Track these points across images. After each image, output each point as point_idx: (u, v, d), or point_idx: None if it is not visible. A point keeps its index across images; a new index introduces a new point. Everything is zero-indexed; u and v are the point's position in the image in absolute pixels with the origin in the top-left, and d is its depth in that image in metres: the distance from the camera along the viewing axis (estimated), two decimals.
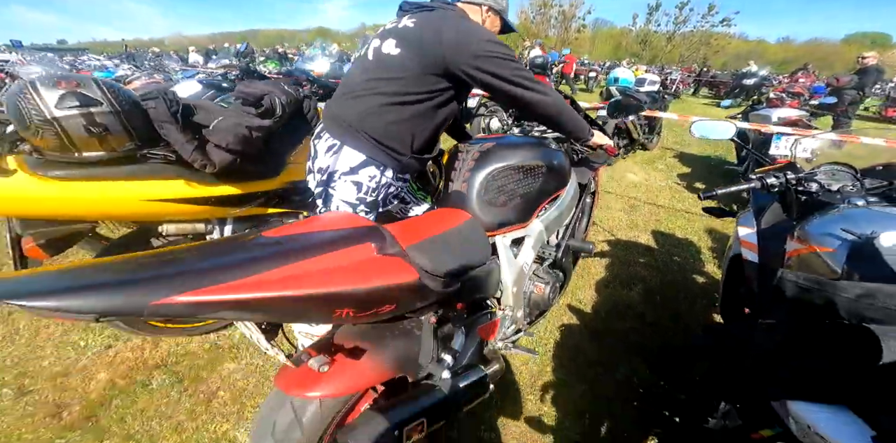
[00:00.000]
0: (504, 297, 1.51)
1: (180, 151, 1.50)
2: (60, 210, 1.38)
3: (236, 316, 0.73)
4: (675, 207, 3.40)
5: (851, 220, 1.19)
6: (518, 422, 1.76)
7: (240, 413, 1.74)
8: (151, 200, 1.47)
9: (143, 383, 1.85)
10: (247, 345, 2.10)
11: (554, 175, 1.65)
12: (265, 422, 1.06)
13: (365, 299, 0.87)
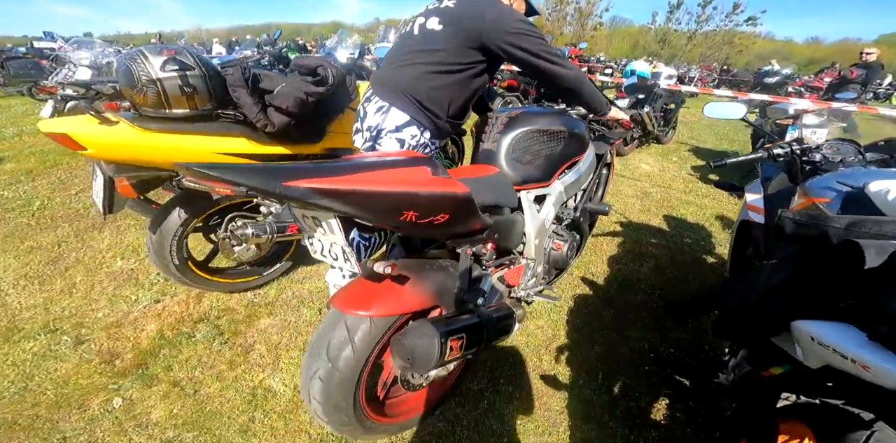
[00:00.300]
0: (527, 249, 1.58)
1: (247, 112, 1.66)
2: (150, 157, 1.55)
3: (336, 205, 0.84)
4: (688, 195, 3.31)
5: (846, 176, 1.29)
6: (535, 379, 1.76)
7: (275, 364, 1.78)
8: (220, 153, 1.63)
9: (188, 335, 1.91)
10: (282, 303, 2.14)
11: (574, 141, 1.71)
12: (320, 340, 1.13)
13: (427, 204, 0.97)
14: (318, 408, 1.16)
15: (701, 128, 5.93)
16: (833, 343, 0.84)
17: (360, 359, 1.13)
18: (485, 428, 1.56)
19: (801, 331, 0.94)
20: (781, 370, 1.18)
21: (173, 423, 1.51)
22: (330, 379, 1.11)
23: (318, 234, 1.09)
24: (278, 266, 2.28)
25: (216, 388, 1.66)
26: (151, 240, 1.85)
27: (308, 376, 1.14)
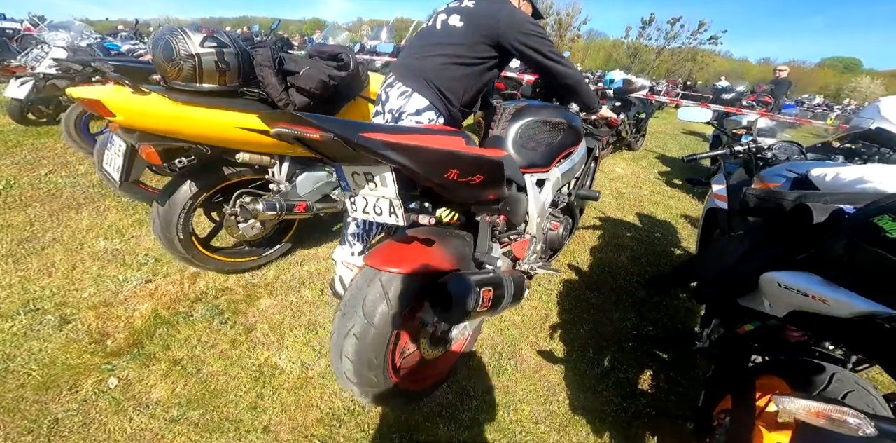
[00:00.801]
0: (529, 227, 1.65)
1: (270, 91, 1.67)
2: (177, 127, 1.54)
3: (399, 157, 0.92)
4: (656, 196, 3.53)
5: (793, 166, 1.51)
6: (532, 354, 1.78)
7: (279, 343, 1.68)
8: (241, 127, 1.59)
9: (185, 315, 1.76)
10: (281, 284, 2.02)
11: (571, 133, 1.80)
12: (355, 298, 1.11)
13: (468, 164, 1.05)
14: (349, 368, 1.12)
15: (666, 138, 6.30)
16: (796, 285, 0.96)
17: (395, 315, 1.12)
18: (491, 398, 1.55)
19: (769, 281, 1.06)
20: (752, 327, 1.28)
21: (177, 401, 1.38)
22: (365, 336, 1.09)
23: (366, 190, 1.10)
24: (278, 247, 2.16)
25: (220, 366, 1.54)
26: (158, 213, 1.73)
27: (342, 335, 1.11)
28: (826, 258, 0.96)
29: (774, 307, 1.10)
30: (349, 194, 1.18)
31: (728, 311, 1.41)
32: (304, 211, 1.91)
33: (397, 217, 1.06)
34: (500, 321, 1.93)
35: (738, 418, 1.16)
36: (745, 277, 1.18)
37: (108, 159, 1.75)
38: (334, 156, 1.11)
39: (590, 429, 1.49)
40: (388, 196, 1.05)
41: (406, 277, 1.13)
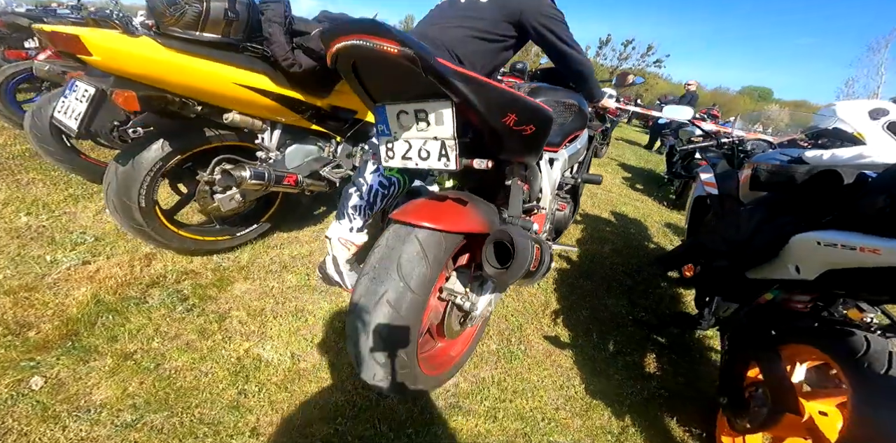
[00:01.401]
0: (543, 202, 1.55)
1: (277, 49, 1.48)
2: (165, 74, 1.32)
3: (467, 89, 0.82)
4: (625, 198, 3.76)
5: (784, 151, 1.61)
6: (539, 340, 1.64)
7: (261, 332, 1.38)
8: (238, 83, 1.44)
9: (138, 301, 1.39)
10: (259, 267, 1.70)
11: (580, 116, 1.75)
12: (387, 257, 0.94)
13: (525, 111, 0.94)
14: (380, 345, 0.92)
15: (624, 148, 6.73)
16: (842, 241, 0.94)
17: (433, 278, 0.96)
18: (507, 386, 1.39)
19: (804, 242, 1.05)
20: (772, 296, 1.25)
21: (130, 403, 1.04)
22: (401, 302, 0.90)
23: (412, 132, 0.95)
24: (255, 227, 1.84)
25: (186, 360, 1.21)
26: (116, 174, 1.39)
27: (371, 303, 0.91)
28: (862, 214, 0.95)
29: (805, 270, 1.08)
30: (386, 140, 1.02)
31: (734, 285, 1.39)
32: (293, 184, 1.67)
33: (448, 160, 0.92)
34: (502, 308, 1.78)
35: (776, 389, 1.10)
36: (767, 244, 1.16)
37: (65, 107, 1.42)
38: (384, 89, 0.97)
39: (610, 412, 1.37)
40: (441, 136, 0.91)
41: (446, 236, 0.97)
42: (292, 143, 1.76)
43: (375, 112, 1.02)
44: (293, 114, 1.67)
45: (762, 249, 1.18)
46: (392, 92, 0.96)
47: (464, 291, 1.19)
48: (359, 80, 0.98)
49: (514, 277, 0.93)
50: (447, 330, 1.24)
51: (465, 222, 1.01)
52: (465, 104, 0.85)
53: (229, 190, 1.59)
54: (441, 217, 0.97)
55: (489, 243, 0.97)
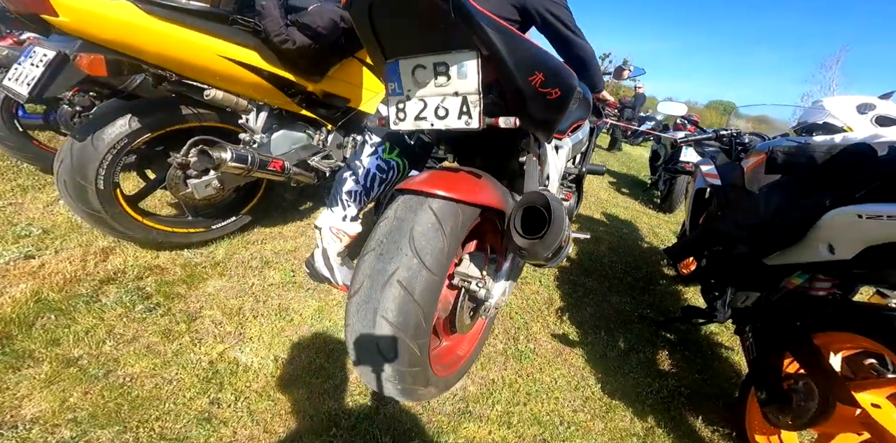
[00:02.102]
0: (551, 187, 1.44)
1: (269, 24, 1.37)
2: (142, 42, 1.19)
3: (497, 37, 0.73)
4: (613, 200, 3.77)
5: (790, 139, 1.54)
6: (547, 338, 1.51)
7: (239, 333, 1.18)
8: (225, 57, 1.32)
9: (88, 299, 1.17)
10: (237, 263, 1.50)
11: (584, 105, 1.68)
12: (398, 230, 0.80)
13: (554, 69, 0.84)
14: (389, 334, 0.76)
15: (608, 156, 6.89)
16: (888, 211, 0.87)
17: (451, 253, 0.82)
18: (519, 387, 1.24)
19: (843, 217, 0.97)
20: (800, 281, 1.19)
21: (69, 417, 0.84)
22: (414, 282, 0.76)
23: (430, 88, 0.83)
24: (233, 219, 1.65)
25: (145, 366, 1.01)
26: (72, 151, 1.20)
27: (378, 285, 0.76)
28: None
29: (841, 249, 1.00)
30: (397, 100, 0.90)
31: (752, 274, 1.32)
32: (279, 170, 1.50)
33: (470, 118, 0.80)
34: (506, 306, 1.65)
35: (823, 381, 1.00)
36: (794, 224, 1.09)
37: (18, 74, 1.24)
38: (401, 39, 0.85)
39: (632, 413, 1.24)
40: (463, 91, 0.80)
41: (462, 207, 0.84)
42: (279, 128, 1.61)
43: (387, 70, 0.90)
44: (283, 96, 1.54)
45: (788, 230, 1.10)
46: (409, 43, 0.85)
47: (480, 274, 1.05)
48: (372, 30, 0.87)
49: (547, 250, 0.81)
50: (458, 324, 1.09)
51: (484, 194, 0.89)
52: (491, 57, 0.76)
53: (206, 175, 1.41)
54: (457, 186, 0.86)
55: (519, 209, 0.85)
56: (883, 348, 0.95)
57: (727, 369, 1.55)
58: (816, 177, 1.16)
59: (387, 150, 1.39)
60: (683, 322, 1.66)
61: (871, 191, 0.97)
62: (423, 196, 0.83)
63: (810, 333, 1.10)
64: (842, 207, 0.98)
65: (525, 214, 0.84)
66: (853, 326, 1.02)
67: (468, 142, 1.10)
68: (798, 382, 1.09)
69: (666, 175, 3.59)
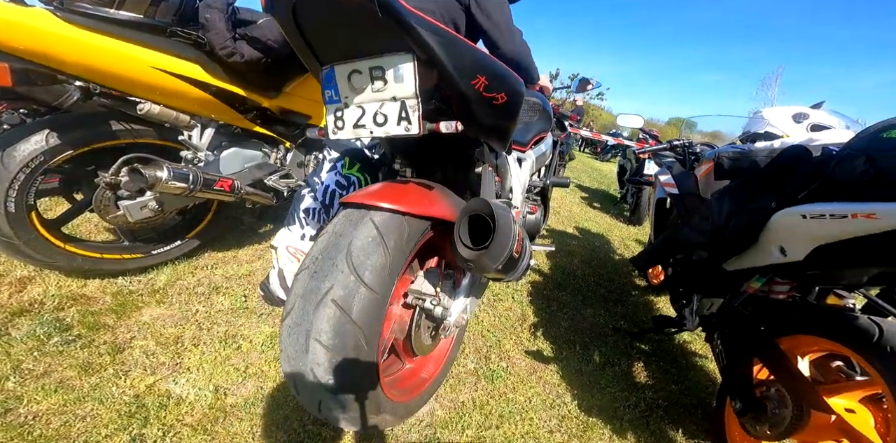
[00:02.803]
0: (514, 201, 1.43)
1: (214, 37, 1.34)
2: (62, 52, 1.11)
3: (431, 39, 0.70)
4: (585, 215, 3.88)
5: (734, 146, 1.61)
6: (521, 356, 1.45)
7: (175, 364, 1.07)
8: (160, 69, 1.26)
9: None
10: (180, 290, 1.39)
11: (545, 116, 1.74)
12: (334, 246, 0.76)
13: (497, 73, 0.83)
14: (323, 358, 0.70)
15: (578, 172, 7.17)
16: (829, 209, 0.89)
17: (396, 270, 0.78)
18: (491, 409, 1.17)
19: (789, 218, 1.00)
20: (759, 284, 1.20)
21: None
22: (350, 300, 0.70)
23: (367, 94, 0.81)
24: (178, 244, 1.55)
25: (55, 402, 0.89)
26: None
27: (310, 305, 0.71)
28: (841, 182, 0.92)
29: (792, 250, 1.01)
30: (335, 108, 0.87)
31: (713, 280, 1.35)
32: (227, 191, 1.43)
33: (410, 123, 0.78)
34: (477, 324, 1.59)
35: (792, 386, 1.00)
36: (745, 228, 1.11)
37: None
38: (332, 44, 0.82)
39: (610, 431, 1.19)
40: (401, 96, 0.77)
41: (408, 220, 0.82)
42: (230, 145, 1.56)
43: (323, 77, 0.88)
44: (232, 111, 1.50)
45: (741, 233, 1.13)
46: (342, 47, 0.82)
47: (433, 291, 1.00)
48: (301, 36, 0.84)
49: (495, 261, 0.75)
50: (416, 345, 1.02)
51: (432, 206, 0.87)
52: (429, 60, 0.74)
53: (140, 195, 1.32)
54: (403, 198, 0.83)
55: (463, 217, 0.80)
56: (846, 349, 0.96)
57: (703, 378, 1.53)
58: (761, 180, 1.21)
59: (346, 165, 1.35)
60: (656, 332, 1.65)
61: (812, 191, 1.00)
62: (366, 209, 0.80)
63: (775, 337, 1.11)
64: (787, 208, 1.00)
65: (472, 223, 0.80)
66: (815, 328, 1.04)
67: (423, 153, 1.08)
68: (770, 388, 1.08)
69: (633, 188, 3.76)
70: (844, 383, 1.03)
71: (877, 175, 0.85)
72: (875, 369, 0.88)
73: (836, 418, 0.93)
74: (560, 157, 5.57)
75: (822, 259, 0.96)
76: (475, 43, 1.32)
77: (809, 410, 0.95)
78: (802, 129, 1.69)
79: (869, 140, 0.91)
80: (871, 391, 0.97)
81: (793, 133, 1.72)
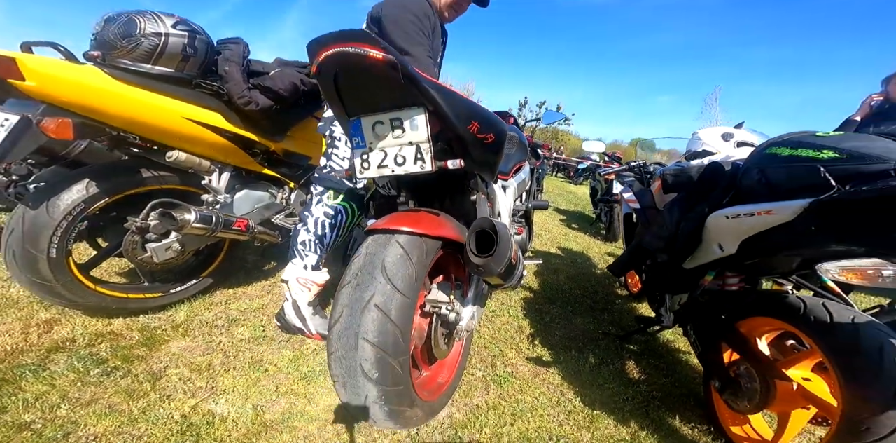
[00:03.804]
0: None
1: (232, 87, 1.50)
2: (107, 105, 1.26)
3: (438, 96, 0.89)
4: (565, 236, 4.16)
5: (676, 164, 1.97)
6: (523, 362, 1.60)
7: (211, 387, 1.17)
8: (190, 119, 1.42)
9: (35, 368, 1.12)
10: (200, 324, 1.49)
11: (521, 147, 1.98)
12: (370, 263, 0.92)
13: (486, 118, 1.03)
14: (370, 355, 0.85)
15: (554, 195, 7.61)
16: (742, 211, 1.12)
17: (420, 279, 0.95)
18: (504, 409, 1.31)
19: (717, 220, 1.22)
20: (711, 277, 1.40)
21: None
22: (389, 304, 0.87)
23: (388, 140, 1.00)
24: (193, 283, 1.65)
25: (110, 424, 0.98)
26: (24, 218, 1.21)
27: (357, 311, 0.87)
28: (747, 189, 1.17)
29: (726, 245, 1.22)
30: (361, 152, 1.06)
31: (676, 278, 1.55)
32: (243, 229, 1.59)
33: (424, 162, 0.97)
34: (479, 337, 1.74)
35: (755, 361, 1.18)
36: (691, 231, 1.33)
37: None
38: (361, 100, 1.02)
39: (614, 421, 1.33)
40: (416, 141, 0.96)
41: (426, 240, 1.00)
42: (242, 187, 1.73)
43: (350, 126, 1.07)
44: (245, 156, 1.68)
45: (688, 237, 1.35)
46: (368, 103, 1.02)
47: (448, 298, 1.17)
48: (337, 94, 1.04)
49: (500, 264, 0.94)
50: (434, 350, 1.18)
51: (443, 228, 1.04)
52: (435, 111, 0.93)
53: (166, 238, 1.46)
54: (419, 223, 1.01)
55: (472, 233, 0.98)
56: (786, 325, 1.14)
57: (689, 370, 1.71)
58: (695, 192, 1.47)
59: (331, 196, 1.53)
60: (641, 333, 1.84)
61: (731, 198, 1.24)
62: (390, 233, 0.97)
63: (734, 322, 1.29)
64: (715, 212, 1.23)
65: (478, 238, 0.97)
66: (761, 310, 1.23)
67: (426, 187, 1.25)
68: (739, 367, 1.25)
69: (605, 208, 4.10)
70: (796, 356, 1.20)
71: (767, 182, 1.09)
72: (809, 338, 1.06)
73: (798, 387, 1.10)
74: (537, 182, 5.99)
75: (749, 250, 1.17)
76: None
77: (774, 381, 1.12)
78: (730, 146, 2.04)
79: (759, 156, 1.17)
80: (816, 359, 1.13)
81: (723, 149, 2.06)
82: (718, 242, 1.26)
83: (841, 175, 0.89)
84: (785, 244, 1.09)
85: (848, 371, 0.95)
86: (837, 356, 0.98)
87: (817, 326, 1.04)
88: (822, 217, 0.92)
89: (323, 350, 1.42)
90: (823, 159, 0.94)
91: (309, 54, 0.94)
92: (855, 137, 0.97)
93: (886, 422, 0.86)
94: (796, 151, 1.03)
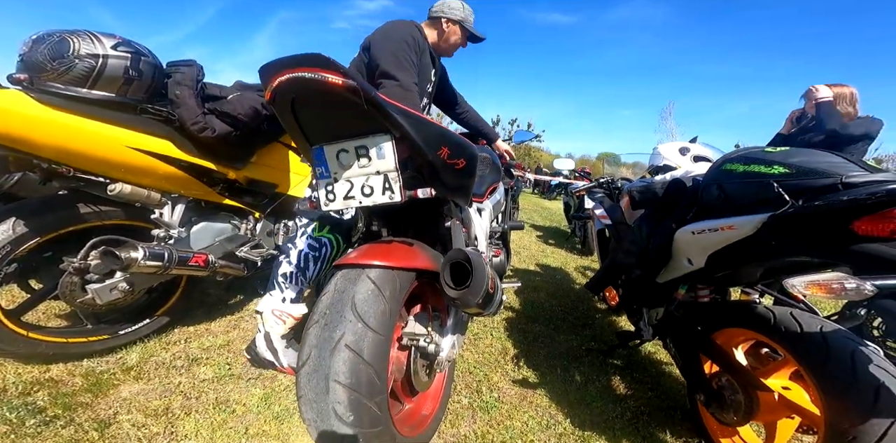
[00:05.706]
0: (480, 247, 1.60)
1: (184, 113, 1.40)
2: (37, 134, 1.16)
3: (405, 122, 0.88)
4: (543, 253, 4.25)
5: (642, 180, 2.00)
6: (509, 385, 1.59)
7: (170, 433, 1.09)
8: (134, 147, 1.32)
9: None
10: (156, 365, 1.39)
11: (495, 169, 2.03)
12: (339, 301, 0.89)
13: (456, 144, 1.01)
14: (343, 397, 0.81)
15: (529, 212, 7.85)
16: (707, 226, 1.19)
17: (394, 315, 0.93)
18: (492, 437, 1.30)
19: (684, 235, 1.29)
20: (683, 290, 1.47)
21: None
22: (361, 344, 0.84)
23: (354, 169, 0.97)
24: (146, 323, 1.55)
25: None
26: None
27: (326, 352, 0.84)
28: (708, 204, 1.23)
29: (695, 259, 1.28)
30: (325, 183, 1.03)
31: (651, 293, 1.60)
32: (202, 265, 1.48)
33: (393, 192, 0.95)
34: (463, 363, 1.72)
35: (735, 372, 1.21)
36: (660, 246, 1.40)
37: None
38: (323, 127, 0.99)
39: (605, 440, 1.34)
40: (384, 170, 0.94)
41: (398, 273, 0.98)
42: (200, 220, 1.63)
43: (313, 155, 1.02)
44: (201, 185, 1.58)
45: (657, 252, 1.42)
46: (331, 130, 0.98)
47: (426, 331, 1.15)
48: (296, 121, 0.99)
49: (476, 296, 0.91)
50: (415, 382, 1.16)
51: (416, 259, 1.03)
52: (403, 138, 0.91)
53: (110, 277, 1.34)
54: (391, 255, 0.99)
55: (446, 265, 0.94)
56: (758, 335, 1.17)
57: (673, 382, 1.76)
58: (661, 208, 1.55)
59: (317, 228, 1.50)
60: (623, 347, 1.89)
61: (695, 213, 1.31)
62: (360, 268, 0.95)
63: (709, 334, 1.32)
64: (681, 227, 1.30)
65: (453, 269, 0.94)
66: (733, 321, 1.27)
67: (398, 215, 1.23)
68: (721, 379, 1.27)
69: (579, 223, 4.25)
70: (772, 365, 1.23)
71: (726, 197, 1.16)
72: (782, 348, 1.10)
73: (779, 396, 1.11)
74: (513, 200, 6.15)
75: (717, 264, 1.22)
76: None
77: (755, 391, 1.14)
78: (688, 160, 2.20)
79: (716, 172, 1.23)
80: (792, 368, 1.16)
81: (681, 163, 2.22)
82: (687, 257, 1.32)
83: (793, 190, 0.96)
84: (749, 257, 1.16)
85: (824, 380, 0.97)
86: (811, 366, 1.01)
87: (788, 336, 1.08)
88: (780, 231, 0.98)
89: None
90: (775, 175, 1.02)
91: (262, 80, 0.90)
92: (799, 152, 1.06)
93: (870, 430, 0.87)
94: (749, 166, 1.10)
